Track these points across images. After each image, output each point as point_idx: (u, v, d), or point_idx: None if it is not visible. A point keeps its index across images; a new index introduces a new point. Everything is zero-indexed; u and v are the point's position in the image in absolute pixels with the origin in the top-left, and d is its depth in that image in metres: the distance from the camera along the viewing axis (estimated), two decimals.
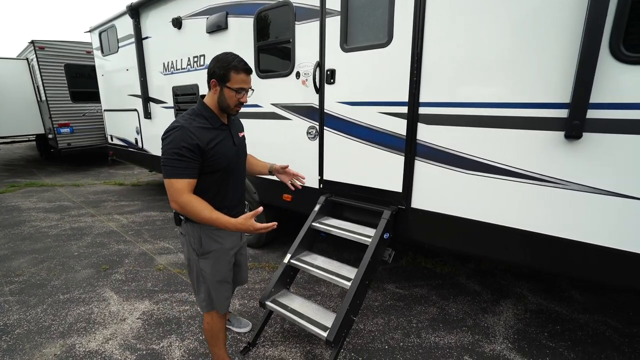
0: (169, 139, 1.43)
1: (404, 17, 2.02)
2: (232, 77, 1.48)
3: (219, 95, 1.52)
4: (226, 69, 1.47)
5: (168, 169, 1.43)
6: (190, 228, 1.61)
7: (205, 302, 1.71)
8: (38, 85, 7.82)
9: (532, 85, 1.69)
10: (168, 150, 1.43)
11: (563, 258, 1.75)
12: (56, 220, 4.69)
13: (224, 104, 1.53)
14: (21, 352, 2.15)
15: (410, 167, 2.13)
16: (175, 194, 1.43)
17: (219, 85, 1.50)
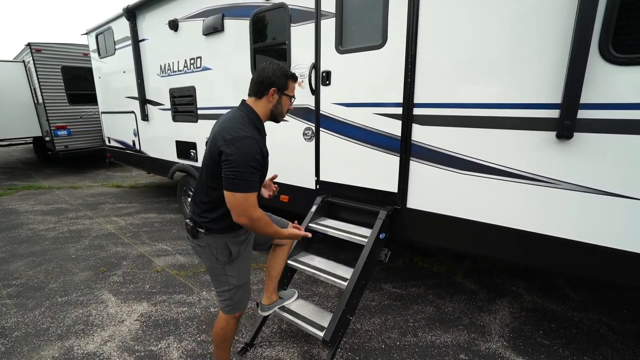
0: (242, 149, 1.36)
1: (398, 20, 2.04)
2: (289, 85, 1.57)
3: (275, 103, 1.55)
4: (286, 78, 1.54)
5: (243, 183, 1.38)
6: (212, 239, 1.56)
7: (230, 306, 1.68)
8: (35, 88, 7.80)
9: (523, 86, 1.71)
10: (242, 162, 1.36)
11: (556, 256, 1.77)
12: (54, 222, 4.68)
13: (278, 112, 1.58)
14: (19, 355, 2.15)
15: (405, 167, 2.15)
16: (250, 208, 1.41)
17: (277, 94, 1.54)
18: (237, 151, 1.36)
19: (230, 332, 1.77)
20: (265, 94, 1.53)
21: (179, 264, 3.37)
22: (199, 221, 1.57)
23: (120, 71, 4.97)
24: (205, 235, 1.56)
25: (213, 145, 1.47)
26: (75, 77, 7.68)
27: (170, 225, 4.52)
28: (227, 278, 1.63)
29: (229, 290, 1.65)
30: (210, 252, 1.59)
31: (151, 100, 4.46)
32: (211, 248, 1.58)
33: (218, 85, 3.40)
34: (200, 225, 1.56)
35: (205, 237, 1.57)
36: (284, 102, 1.59)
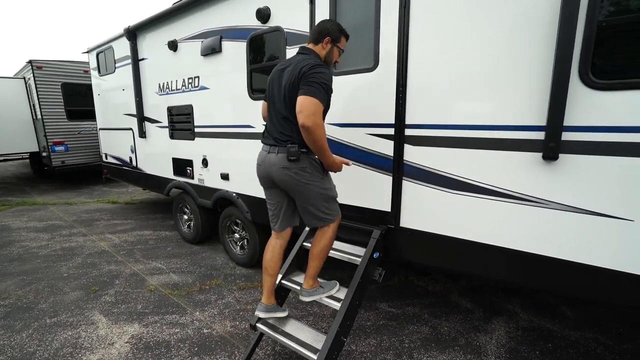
0: (321, 70, 1.74)
1: (389, 44, 2.11)
2: (342, 40, 1.96)
3: (328, 51, 1.92)
4: (340, 32, 1.94)
5: (319, 93, 1.70)
6: (310, 159, 1.90)
7: (335, 212, 2.03)
8: (34, 104, 7.87)
9: (510, 109, 1.77)
10: (320, 78, 1.72)
11: (547, 275, 1.78)
12: (46, 240, 4.64)
13: (329, 59, 1.95)
14: None
15: (398, 187, 2.18)
16: (317, 113, 1.71)
17: (331, 44, 1.90)
18: (317, 71, 1.73)
19: (333, 240, 2.08)
20: (321, 41, 1.90)
21: (173, 283, 3.33)
22: (300, 141, 1.82)
23: (120, 89, 5.05)
24: (307, 156, 1.88)
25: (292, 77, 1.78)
26: (75, 93, 7.78)
27: (165, 242, 4.49)
28: (325, 191, 1.96)
29: (326, 202, 1.97)
30: (313, 170, 1.90)
31: (149, 117, 4.51)
32: (310, 167, 1.89)
33: (215, 104, 3.46)
34: (303, 146, 1.84)
35: (307, 158, 1.88)
36: (335, 52, 1.95)
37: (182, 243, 4.44)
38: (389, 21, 2.09)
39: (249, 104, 3.05)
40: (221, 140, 3.43)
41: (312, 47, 1.93)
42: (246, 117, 3.12)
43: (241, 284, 3.27)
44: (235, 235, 3.73)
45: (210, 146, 3.59)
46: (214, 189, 3.61)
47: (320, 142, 1.77)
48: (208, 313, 2.80)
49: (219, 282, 3.31)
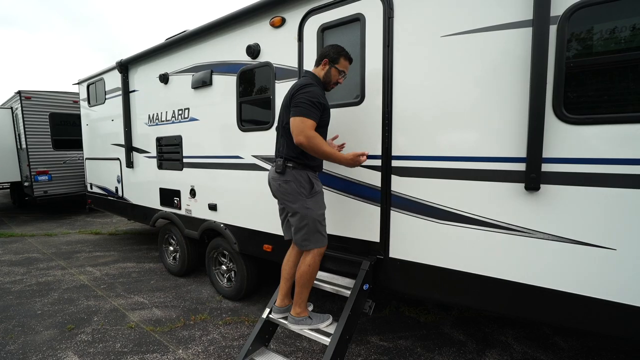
0: (308, 89, 1.90)
1: (374, 79, 2.21)
2: (340, 61, 2.06)
3: (326, 72, 2.05)
4: (338, 54, 2.05)
5: (303, 110, 1.86)
6: (297, 174, 1.99)
7: (311, 239, 2.01)
8: (19, 133, 7.77)
9: (492, 141, 1.84)
10: (307, 98, 1.87)
11: (537, 305, 1.77)
12: (21, 274, 4.40)
13: (327, 79, 2.07)
14: None
15: (386, 217, 2.19)
16: (306, 128, 1.85)
17: (329, 65, 2.04)
18: (303, 91, 1.89)
19: (316, 270, 2.06)
20: (320, 63, 2.07)
21: (155, 319, 3.17)
22: (288, 157, 2.00)
23: (109, 119, 5.05)
24: (292, 170, 1.99)
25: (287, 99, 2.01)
26: (62, 123, 7.75)
27: (149, 275, 4.32)
28: (307, 211, 1.98)
29: (307, 224, 1.98)
30: (296, 185, 1.98)
31: (137, 147, 4.50)
32: (296, 182, 1.98)
33: (204, 135, 3.49)
34: (289, 160, 1.99)
35: (291, 172, 2.00)
36: (333, 73, 2.06)
37: (167, 275, 4.28)
38: (374, 58, 2.20)
39: (238, 135, 3.09)
40: (210, 171, 3.42)
41: (313, 69, 2.11)
42: (235, 148, 3.14)
43: (228, 319, 3.13)
44: (222, 267, 3.62)
45: (199, 176, 3.57)
46: (202, 219, 3.55)
47: (320, 151, 1.90)
48: (192, 351, 2.65)
49: (205, 317, 3.17)
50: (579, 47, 1.65)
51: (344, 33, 2.37)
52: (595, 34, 1.61)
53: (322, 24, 2.44)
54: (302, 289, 2.07)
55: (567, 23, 1.61)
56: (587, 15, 1.59)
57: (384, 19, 2.14)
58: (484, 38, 1.83)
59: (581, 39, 1.64)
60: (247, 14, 2.89)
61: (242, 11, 2.92)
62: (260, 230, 2.98)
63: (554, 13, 1.62)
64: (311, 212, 2.00)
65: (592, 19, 1.60)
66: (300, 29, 2.57)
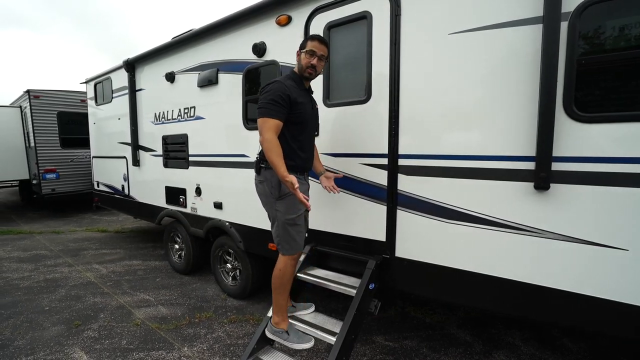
0: (268, 89, 1.83)
1: (381, 78, 2.20)
2: (307, 44, 1.95)
3: (298, 61, 1.99)
4: (305, 40, 1.99)
5: (263, 110, 1.81)
6: (269, 175, 1.92)
7: (280, 244, 1.96)
8: (28, 132, 7.88)
9: (501, 140, 1.82)
10: (266, 97, 1.81)
11: (545, 306, 1.75)
12: (29, 271, 4.45)
13: (300, 67, 1.98)
14: None
15: (392, 216, 2.18)
16: (264, 129, 1.79)
17: (298, 53, 1.98)
18: (264, 90, 1.85)
19: (288, 275, 1.98)
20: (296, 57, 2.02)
21: (161, 316, 3.18)
22: (261, 158, 1.95)
23: (116, 118, 5.09)
24: (264, 170, 1.94)
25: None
26: (70, 121, 7.82)
27: (154, 273, 4.35)
28: (277, 213, 1.92)
29: (278, 227, 1.92)
30: (267, 186, 1.94)
31: (144, 146, 4.53)
32: (267, 183, 1.93)
33: (210, 134, 3.50)
34: (262, 161, 1.93)
35: (264, 172, 1.95)
36: (302, 58, 1.97)
37: (172, 273, 4.30)
38: (381, 56, 2.19)
39: (243, 133, 3.10)
40: (215, 169, 3.43)
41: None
42: (241, 147, 3.14)
43: (232, 317, 3.14)
44: (227, 266, 3.63)
45: (204, 175, 3.58)
46: (207, 217, 3.56)
47: (268, 154, 1.81)
48: (197, 349, 2.66)
49: (210, 315, 3.18)
50: (590, 43, 1.62)
51: (351, 31, 2.35)
52: (607, 31, 1.58)
53: (328, 22, 2.43)
54: (275, 295, 2.03)
55: (579, 19, 1.58)
56: (599, 11, 1.56)
57: (391, 16, 2.12)
58: (492, 35, 1.80)
59: (593, 35, 1.61)
60: (253, 12, 2.89)
61: (248, 10, 2.92)
62: (266, 229, 2.97)
63: (565, 9, 1.59)
64: (280, 215, 1.92)
65: (604, 15, 1.57)
66: (306, 27, 2.56)
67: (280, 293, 2.00)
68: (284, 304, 2.03)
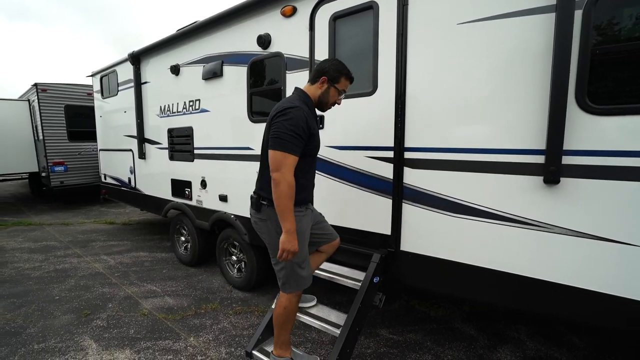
0: (290, 115, 1.58)
1: (387, 69, 2.16)
2: (341, 81, 1.79)
3: (324, 91, 1.77)
4: (340, 73, 1.78)
5: (285, 143, 1.56)
6: (272, 212, 1.67)
7: (287, 284, 1.77)
8: (36, 125, 7.96)
9: (509, 133, 1.78)
10: (288, 126, 1.57)
11: (552, 301, 1.73)
12: (40, 261, 4.54)
13: (325, 100, 1.79)
14: None
15: (398, 210, 2.16)
16: (285, 167, 1.56)
17: (327, 83, 1.76)
18: (283, 117, 1.59)
19: (292, 312, 1.84)
20: (317, 80, 1.77)
21: (167, 307, 3.23)
22: (262, 194, 1.74)
23: (121, 111, 5.12)
24: (267, 208, 1.71)
25: (267, 124, 1.70)
26: (77, 115, 7.88)
27: (161, 264, 4.40)
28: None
29: (285, 267, 1.73)
30: (270, 224, 1.72)
31: (149, 139, 4.55)
32: (271, 221, 1.70)
33: (215, 127, 3.49)
34: (264, 198, 1.72)
35: (266, 210, 1.72)
36: (332, 93, 1.79)
37: (178, 265, 4.35)
38: (387, 48, 2.15)
39: (248, 126, 3.09)
40: (220, 162, 3.44)
41: (306, 87, 1.80)
42: (246, 139, 3.14)
43: (238, 308, 3.17)
44: (232, 258, 3.66)
45: (210, 168, 3.59)
46: (212, 210, 3.58)
47: (284, 199, 1.57)
48: (203, 339, 2.70)
49: (215, 306, 3.21)
50: (606, 33, 1.56)
51: (357, 22, 2.31)
52: (623, 20, 1.53)
53: (334, 12, 2.39)
54: (280, 331, 1.87)
55: (594, 8, 1.53)
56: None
57: (398, 6, 2.08)
58: (503, 25, 1.75)
59: (608, 24, 1.56)
60: (258, 3, 2.86)
61: (253, 0, 2.88)
62: None
63: None
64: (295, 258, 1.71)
65: (621, 3, 1.52)
66: (311, 18, 2.52)
67: (285, 329, 1.85)
68: (288, 338, 1.90)
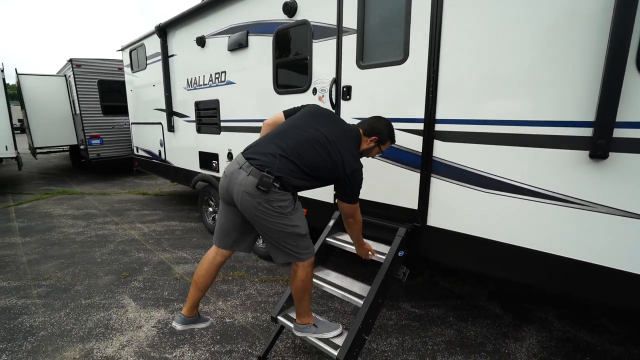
0: (359, 175, 1.80)
1: (420, 35, 2.03)
2: (387, 143, 1.96)
3: (369, 148, 1.92)
4: (389, 137, 1.95)
5: (357, 196, 1.85)
6: (283, 195, 1.69)
7: (304, 251, 1.83)
8: (73, 100, 8.35)
9: (553, 103, 1.64)
10: (359, 183, 1.82)
11: (589, 283, 1.65)
12: (83, 227, 4.91)
13: (366, 154, 1.97)
14: (44, 354, 2.23)
15: (426, 184, 2.10)
16: (357, 211, 1.91)
17: (375, 143, 1.91)
18: (355, 179, 1.78)
19: (309, 282, 1.91)
20: (370, 136, 1.90)
21: None
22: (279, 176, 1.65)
23: (150, 84, 5.23)
24: (276, 191, 1.66)
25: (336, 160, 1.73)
26: (109, 90, 8.16)
27: (191, 233, 4.62)
28: (294, 228, 1.75)
29: (293, 240, 1.77)
30: (278, 205, 1.68)
31: (177, 112, 4.64)
32: (280, 202, 1.68)
33: (241, 99, 3.49)
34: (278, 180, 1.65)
35: (277, 192, 1.67)
36: (375, 151, 1.97)
37: (207, 234, 4.55)
38: (421, 11, 2.01)
39: (274, 98, 3.06)
40: (246, 134, 3.46)
41: (362, 135, 1.90)
42: (271, 111, 3.10)
43: (263, 277, 3.30)
44: None
45: (236, 140, 3.63)
46: None
47: (358, 233, 2.04)
48: (230, 303, 2.85)
49: (242, 274, 3.36)
50: None
51: None
52: None
53: None
54: (300, 302, 1.93)
55: None
56: None
57: None
58: None
59: None
60: None
61: None
62: None
63: None
64: (298, 229, 1.76)
65: None
66: None
67: (305, 299, 1.92)
68: (309, 306, 1.97)
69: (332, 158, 1.72)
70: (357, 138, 1.88)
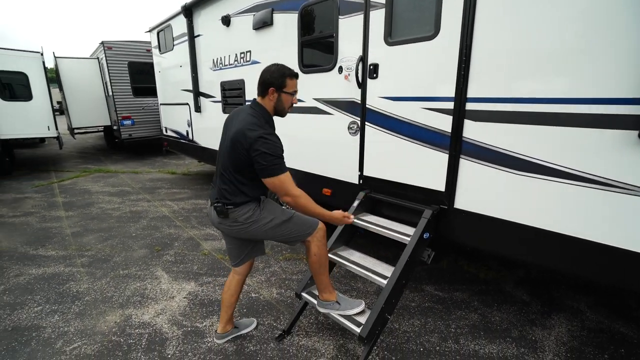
0: (271, 142, 1.64)
1: (453, 8, 1.91)
2: (287, 83, 1.74)
3: (277, 101, 1.76)
4: (283, 77, 1.73)
5: (278, 167, 1.66)
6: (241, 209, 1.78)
7: (302, 229, 1.88)
8: (106, 82, 8.67)
9: (596, 79, 1.51)
10: (275, 151, 1.64)
11: (629, 272, 1.56)
12: (118, 203, 5.21)
13: (281, 107, 1.79)
14: (89, 317, 2.44)
15: (454, 165, 2.03)
16: (290, 186, 1.69)
17: (276, 92, 1.74)
18: (269, 144, 1.62)
19: (323, 256, 1.95)
20: (266, 93, 1.75)
21: (224, 249, 3.56)
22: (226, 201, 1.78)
23: (177, 66, 5.32)
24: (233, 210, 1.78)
25: (237, 143, 1.67)
26: (139, 71, 8.39)
27: None
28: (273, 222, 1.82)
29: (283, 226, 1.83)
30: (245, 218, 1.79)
31: (204, 92, 4.72)
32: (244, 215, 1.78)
33: None
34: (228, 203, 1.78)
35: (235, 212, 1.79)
36: (285, 99, 1.77)
37: None
38: None
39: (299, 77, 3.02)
40: None
41: (260, 100, 1.78)
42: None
43: (287, 255, 3.39)
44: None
45: None
46: None
47: (308, 209, 1.78)
48: (256, 279, 2.96)
49: (267, 252, 3.46)
50: None
51: None
52: None
53: None
54: (319, 277, 1.99)
55: None
56: None
57: None
58: None
59: None
60: None
61: None
62: (320, 175, 3.03)
63: None
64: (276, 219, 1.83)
65: None
66: None
67: (322, 273, 1.97)
68: (328, 281, 2.02)
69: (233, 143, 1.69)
70: (254, 108, 1.77)
